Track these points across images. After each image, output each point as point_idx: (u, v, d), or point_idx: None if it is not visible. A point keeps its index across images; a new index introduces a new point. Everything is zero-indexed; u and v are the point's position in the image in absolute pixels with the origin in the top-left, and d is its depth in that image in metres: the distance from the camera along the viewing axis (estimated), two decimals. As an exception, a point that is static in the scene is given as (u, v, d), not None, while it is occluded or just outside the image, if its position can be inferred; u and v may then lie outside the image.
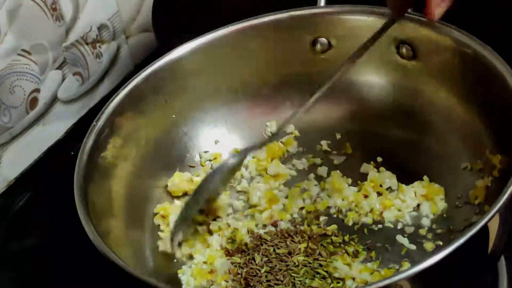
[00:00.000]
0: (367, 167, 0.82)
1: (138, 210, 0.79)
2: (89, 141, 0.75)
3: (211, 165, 0.85)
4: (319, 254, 0.75)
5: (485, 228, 0.61)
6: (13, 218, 0.89)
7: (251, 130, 0.87)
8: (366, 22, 0.82)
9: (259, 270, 0.74)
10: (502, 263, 0.73)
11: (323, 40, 0.85)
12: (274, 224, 0.79)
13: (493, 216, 0.61)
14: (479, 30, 0.76)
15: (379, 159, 0.83)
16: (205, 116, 0.86)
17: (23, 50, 0.86)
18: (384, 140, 0.84)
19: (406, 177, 0.80)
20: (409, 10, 0.79)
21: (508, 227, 0.66)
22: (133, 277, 0.63)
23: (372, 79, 0.85)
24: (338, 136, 0.86)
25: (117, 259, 0.64)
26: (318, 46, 0.85)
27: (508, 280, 0.73)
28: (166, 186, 0.83)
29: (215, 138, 0.87)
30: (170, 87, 0.83)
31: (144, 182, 0.81)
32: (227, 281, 0.74)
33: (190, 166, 0.85)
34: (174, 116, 0.84)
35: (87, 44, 0.95)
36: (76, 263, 0.67)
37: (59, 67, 0.92)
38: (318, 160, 0.85)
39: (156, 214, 0.81)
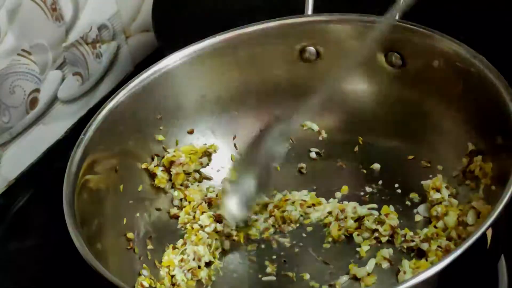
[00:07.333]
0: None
1: (128, 216, 0.79)
2: (77, 154, 0.74)
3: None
4: None
5: (483, 236, 0.61)
6: (13, 218, 0.89)
7: (239, 140, 0.86)
8: (354, 31, 0.81)
9: None
10: (502, 263, 0.73)
11: (312, 49, 0.84)
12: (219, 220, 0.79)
13: (491, 223, 0.61)
14: (470, 38, 0.75)
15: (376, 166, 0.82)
16: (192, 126, 0.85)
17: (23, 50, 0.87)
18: (374, 149, 0.83)
19: (401, 189, 0.80)
20: (397, 18, 0.78)
21: (505, 227, 0.66)
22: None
23: (360, 87, 0.84)
24: (327, 145, 0.85)
25: (105, 272, 0.65)
26: (307, 55, 0.84)
27: (508, 280, 0.73)
28: None
29: None
30: (158, 99, 0.82)
31: (132, 193, 0.80)
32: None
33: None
34: (161, 128, 0.83)
35: (87, 44, 0.95)
36: (76, 263, 0.67)
37: (59, 67, 0.92)
38: (306, 169, 0.85)
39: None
